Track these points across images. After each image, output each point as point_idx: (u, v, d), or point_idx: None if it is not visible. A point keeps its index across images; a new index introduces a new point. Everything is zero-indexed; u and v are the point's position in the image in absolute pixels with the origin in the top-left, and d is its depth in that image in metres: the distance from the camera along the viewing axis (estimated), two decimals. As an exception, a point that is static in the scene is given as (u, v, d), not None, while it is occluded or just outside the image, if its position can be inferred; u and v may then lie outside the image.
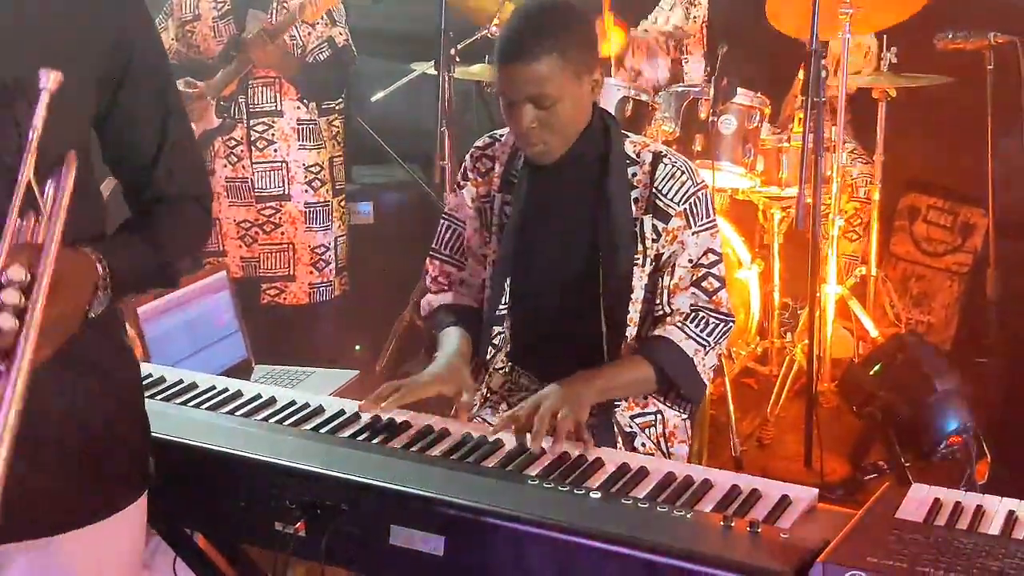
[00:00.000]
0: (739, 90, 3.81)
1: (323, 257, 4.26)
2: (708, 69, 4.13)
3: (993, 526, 1.78)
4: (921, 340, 3.60)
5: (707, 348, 2.35)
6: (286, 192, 4.17)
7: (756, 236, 4.28)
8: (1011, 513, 1.81)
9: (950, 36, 3.86)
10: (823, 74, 3.27)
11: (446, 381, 2.32)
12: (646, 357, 2.33)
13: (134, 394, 1.80)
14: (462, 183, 2.56)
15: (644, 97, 3.80)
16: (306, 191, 4.20)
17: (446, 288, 2.58)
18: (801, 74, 3.79)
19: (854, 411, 3.52)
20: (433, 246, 2.61)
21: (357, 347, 4.67)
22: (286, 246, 4.22)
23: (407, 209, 4.90)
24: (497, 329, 2.49)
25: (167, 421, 2.05)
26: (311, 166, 4.20)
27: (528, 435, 2.08)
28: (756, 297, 3.99)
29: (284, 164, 4.16)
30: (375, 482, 1.87)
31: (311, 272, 4.24)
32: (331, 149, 4.28)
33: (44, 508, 1.64)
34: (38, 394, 1.50)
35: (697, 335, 2.34)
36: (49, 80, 1.51)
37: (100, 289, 1.61)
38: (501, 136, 2.52)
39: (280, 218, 4.19)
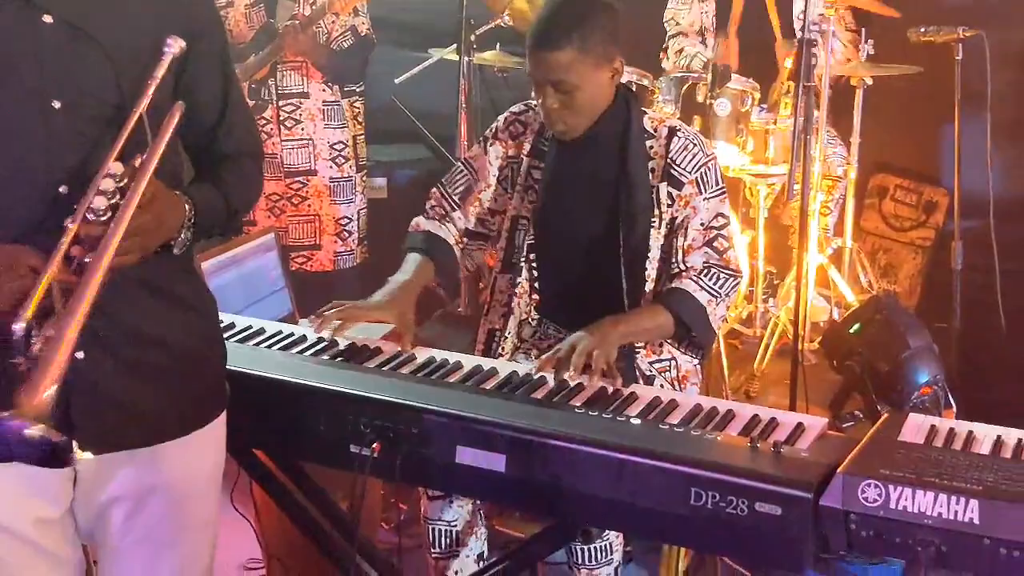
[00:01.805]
0: (733, 75, 3.93)
1: (346, 228, 4.36)
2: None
3: (984, 447, 1.92)
4: (896, 301, 3.75)
5: (719, 299, 2.48)
6: (312, 168, 4.27)
7: (740, 210, 4.40)
8: (998, 437, 1.96)
9: (922, 30, 3.99)
10: (812, 61, 3.39)
11: (385, 311, 2.43)
12: (664, 305, 2.45)
13: (214, 325, 1.92)
14: (491, 140, 2.66)
15: (645, 82, 3.91)
16: (331, 167, 4.29)
17: (437, 219, 2.68)
18: (788, 62, 3.91)
19: (835, 366, 3.66)
20: (443, 180, 2.72)
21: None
22: (312, 217, 4.32)
23: (419, 184, 4.99)
24: (518, 279, 2.60)
25: (242, 358, 2.16)
26: (335, 144, 4.30)
27: (567, 373, 2.21)
28: (745, 265, 4.12)
29: (311, 142, 4.26)
30: (442, 408, 1.99)
31: (335, 241, 4.33)
32: (353, 128, 4.37)
33: (148, 421, 1.75)
34: (138, 321, 1.66)
35: (710, 287, 2.46)
36: (175, 46, 1.65)
37: (185, 228, 1.74)
38: (535, 105, 2.62)
39: (307, 191, 4.28)
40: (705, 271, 2.48)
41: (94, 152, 1.65)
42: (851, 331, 3.57)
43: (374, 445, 1.97)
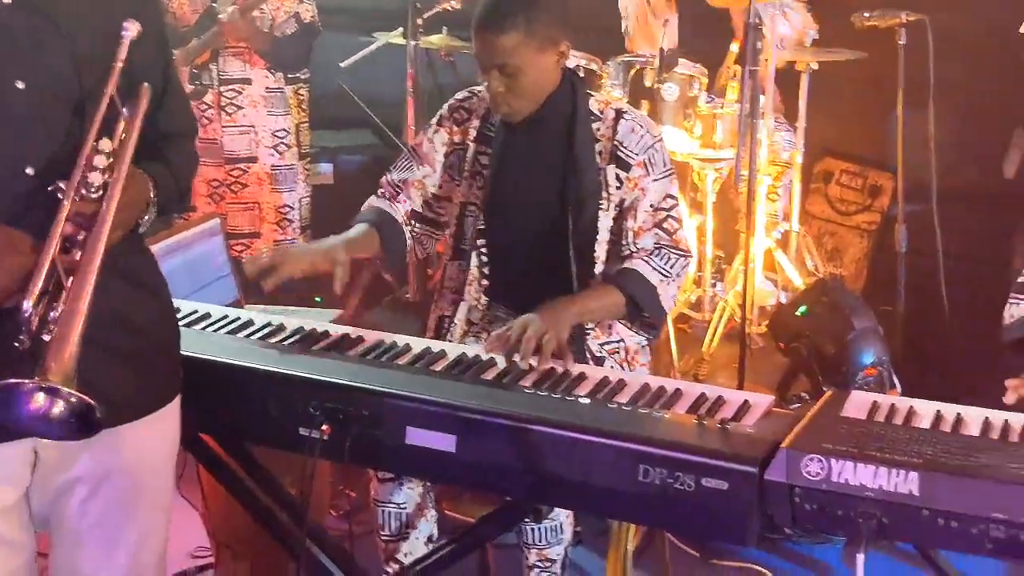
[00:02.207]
0: (680, 60, 4.00)
1: (287, 216, 4.37)
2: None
3: (924, 422, 1.99)
4: (842, 284, 3.84)
5: (669, 280, 2.53)
6: (253, 155, 4.27)
7: (688, 195, 4.47)
8: (938, 412, 2.02)
9: (866, 15, 4.07)
10: (758, 45, 3.46)
11: (320, 255, 2.45)
12: (616, 286, 2.50)
13: (170, 306, 1.94)
14: (436, 127, 2.69)
15: (593, 66, 3.97)
16: (272, 154, 4.30)
17: (387, 199, 2.70)
18: (734, 46, 3.99)
19: (781, 348, 3.75)
20: (391, 167, 2.75)
21: (318, 299, 4.77)
22: (252, 205, 4.32)
23: (365, 170, 5.01)
24: (467, 264, 2.64)
25: (189, 342, 2.15)
26: (277, 131, 4.30)
27: (517, 355, 2.24)
28: (693, 249, 4.18)
29: (252, 128, 4.26)
30: (392, 390, 2.03)
31: (275, 230, 4.35)
32: (297, 116, 4.38)
33: (111, 400, 1.73)
34: (100, 300, 1.66)
35: (661, 268, 2.51)
36: (132, 29, 1.72)
37: (151, 205, 1.79)
38: (479, 91, 2.66)
39: (247, 179, 4.29)
40: (656, 252, 2.53)
41: (58, 134, 1.69)
42: (797, 314, 3.65)
43: (323, 427, 2.00)
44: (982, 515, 1.70)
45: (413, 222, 2.68)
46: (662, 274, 2.50)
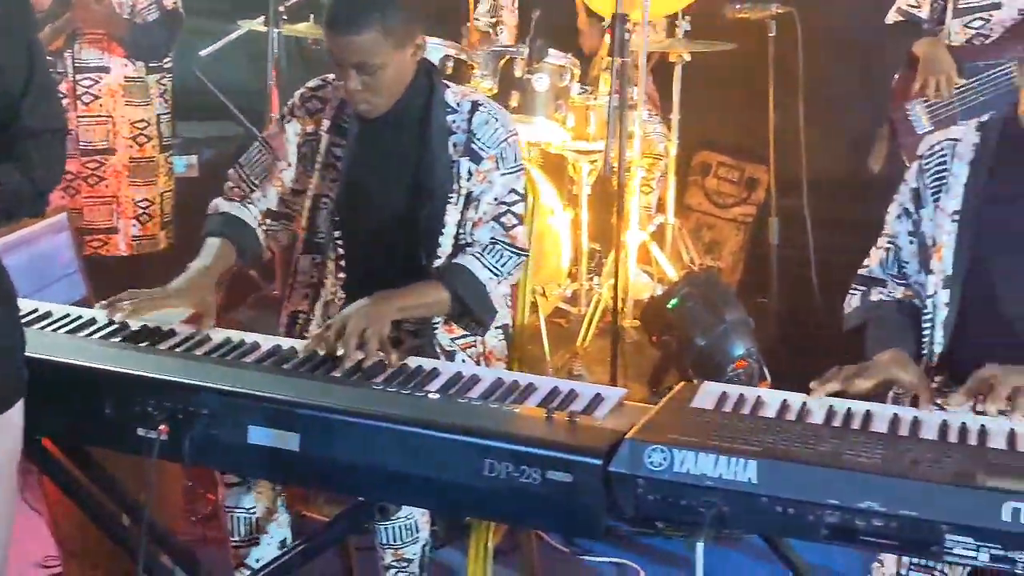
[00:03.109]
0: (551, 51, 4.05)
1: (147, 211, 4.31)
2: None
3: (770, 411, 2.07)
4: (713, 277, 3.94)
5: (500, 278, 2.57)
6: (111, 146, 4.20)
7: (566, 187, 4.54)
8: (784, 401, 2.11)
9: (737, 7, 4.19)
10: (626, 36, 3.53)
11: (183, 297, 2.43)
12: (443, 282, 2.52)
13: (12, 306, 1.91)
14: (288, 118, 2.69)
15: (464, 56, 4.00)
16: (131, 147, 4.24)
17: (237, 200, 2.69)
18: (607, 38, 4.05)
19: (653, 341, 3.83)
20: (240, 160, 2.74)
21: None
22: (110, 199, 4.25)
23: (231, 162, 4.93)
24: (320, 258, 2.64)
25: (27, 341, 2.13)
26: (137, 122, 4.24)
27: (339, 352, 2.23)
28: (567, 243, 4.26)
29: (110, 119, 4.19)
30: (234, 388, 2.02)
31: (134, 225, 4.29)
32: (158, 106, 4.32)
33: None
34: None
35: (492, 266, 2.55)
36: None
37: None
38: (332, 80, 2.66)
39: (105, 171, 4.22)
40: (490, 247, 2.56)
41: None
42: (668, 307, 3.74)
43: (161, 427, 1.99)
44: (817, 501, 1.77)
45: (267, 220, 2.68)
46: (493, 272, 2.54)
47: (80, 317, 2.38)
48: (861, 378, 2.14)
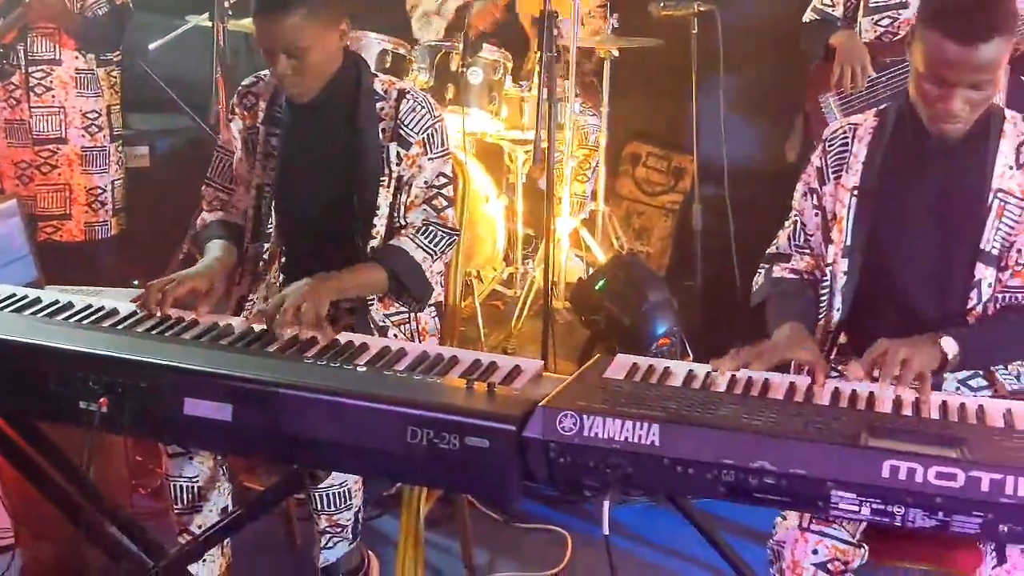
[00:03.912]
0: (484, 45, 4.09)
1: (99, 198, 4.31)
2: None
3: (676, 380, 2.13)
4: (636, 259, 4.01)
5: (434, 257, 2.61)
6: (63, 136, 4.19)
7: (503, 176, 4.59)
8: (691, 371, 2.16)
9: (662, 4, 4.25)
10: (554, 32, 3.58)
11: (202, 278, 2.48)
12: (380, 263, 2.56)
13: None
14: (230, 117, 2.73)
15: (402, 51, 4.03)
16: (83, 136, 4.23)
17: (219, 209, 2.75)
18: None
19: (582, 321, 3.90)
20: (208, 174, 2.78)
21: (135, 282, 4.70)
22: (63, 187, 4.24)
23: (181, 153, 4.96)
24: (266, 245, 2.68)
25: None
26: (88, 112, 4.23)
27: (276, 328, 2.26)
28: (502, 228, 4.31)
29: (62, 109, 4.18)
30: (169, 362, 2.05)
31: (87, 212, 4.28)
32: (109, 97, 4.31)
33: None
34: None
35: (426, 245, 2.59)
36: None
37: None
38: (265, 76, 2.70)
39: (57, 160, 4.21)
40: (423, 229, 2.60)
41: None
42: (596, 288, 3.80)
43: (101, 400, 2.01)
44: (714, 462, 1.83)
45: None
46: (427, 251, 2.59)
47: (26, 296, 2.39)
48: (758, 362, 2.17)
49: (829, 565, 2.14)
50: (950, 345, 2.16)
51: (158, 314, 2.32)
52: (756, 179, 4.57)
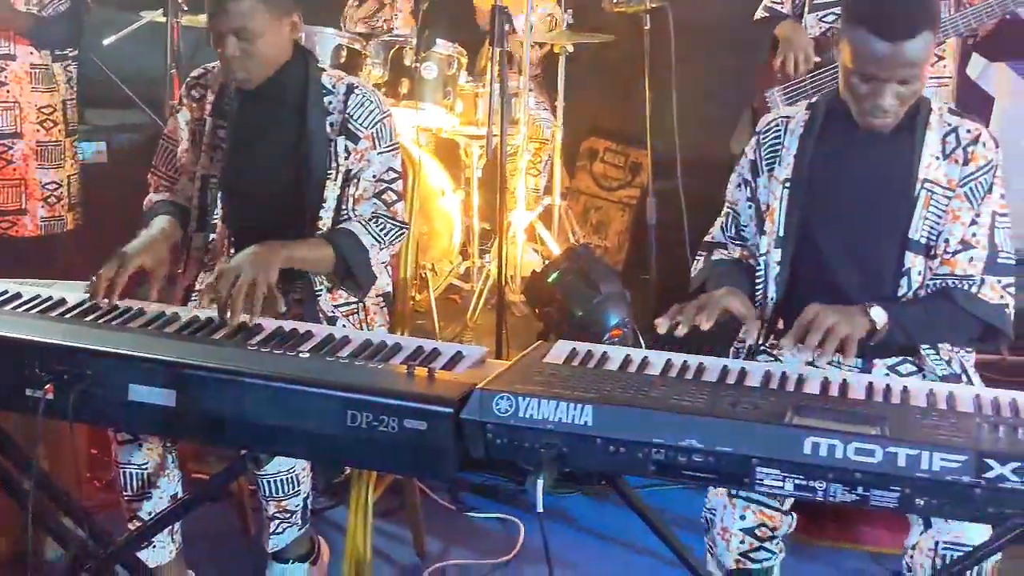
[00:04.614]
0: (439, 41, 4.15)
1: (55, 193, 4.33)
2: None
3: (613, 365, 2.19)
4: (589, 252, 4.08)
5: (381, 246, 2.66)
6: (19, 131, 4.21)
7: (460, 170, 4.65)
8: (627, 356, 2.23)
9: (615, 1, 4.32)
10: (506, 28, 3.64)
11: (143, 255, 2.50)
12: (329, 241, 2.60)
13: None
14: (178, 107, 2.78)
15: (356, 45, 4.07)
16: (38, 131, 4.25)
17: (164, 191, 2.79)
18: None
19: (536, 313, 3.96)
20: (153, 163, 2.83)
21: (94, 278, 4.72)
22: (18, 182, 4.26)
23: (138, 149, 4.99)
24: (212, 236, 2.72)
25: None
26: (43, 107, 4.25)
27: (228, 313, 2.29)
28: (458, 223, 4.37)
29: (17, 104, 4.20)
30: (114, 349, 2.09)
31: (42, 207, 4.30)
32: (64, 93, 4.33)
33: None
34: None
35: (375, 233, 2.64)
36: None
37: None
38: (213, 68, 2.75)
39: (12, 155, 4.23)
40: (373, 219, 2.65)
41: None
42: (549, 280, 3.87)
43: (47, 387, 2.05)
44: (645, 441, 1.90)
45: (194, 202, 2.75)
46: (375, 239, 2.63)
47: (-23, 289, 2.42)
48: (702, 315, 2.25)
49: (756, 530, 2.23)
50: (879, 314, 2.25)
51: (105, 304, 2.36)
52: (709, 172, 4.62)
